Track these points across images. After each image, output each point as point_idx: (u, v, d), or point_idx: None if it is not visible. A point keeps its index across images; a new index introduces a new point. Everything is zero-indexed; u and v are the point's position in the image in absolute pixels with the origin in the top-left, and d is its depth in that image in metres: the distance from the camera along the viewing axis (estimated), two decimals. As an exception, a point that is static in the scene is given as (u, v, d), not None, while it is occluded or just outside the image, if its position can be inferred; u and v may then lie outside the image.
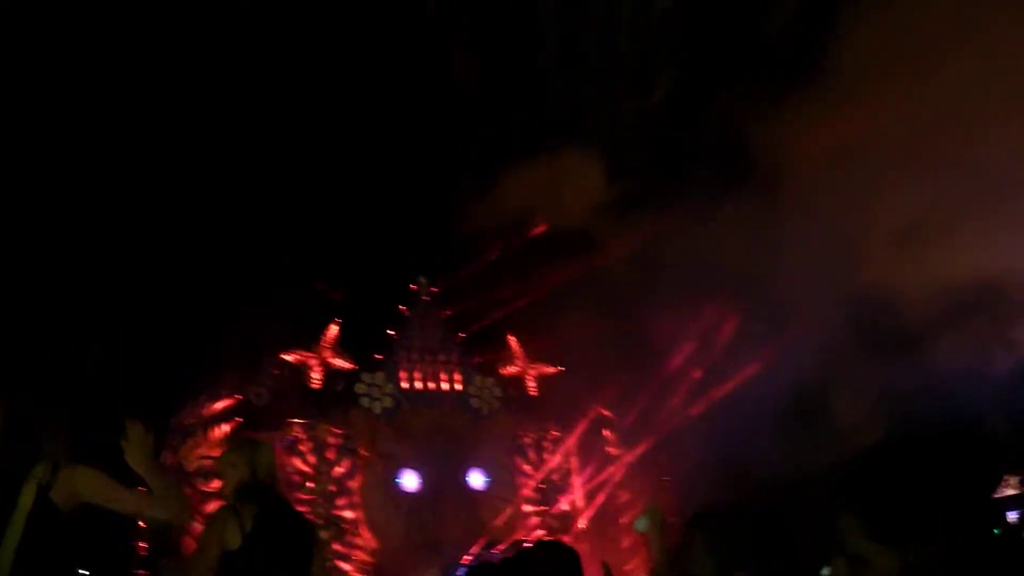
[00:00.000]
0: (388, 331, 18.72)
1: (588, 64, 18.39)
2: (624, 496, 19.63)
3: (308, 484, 16.75)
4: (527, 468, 19.18)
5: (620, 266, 18.60)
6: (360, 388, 17.96)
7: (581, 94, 18.39)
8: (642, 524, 5.00)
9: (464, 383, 19.07)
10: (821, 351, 16.16)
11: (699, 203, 16.72)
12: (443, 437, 18.34)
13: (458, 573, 15.65)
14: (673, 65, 18.27)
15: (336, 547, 16.26)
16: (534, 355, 19.99)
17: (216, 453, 15.83)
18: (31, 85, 13.60)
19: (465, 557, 16.60)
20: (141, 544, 11.67)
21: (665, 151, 18.31)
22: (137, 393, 14.85)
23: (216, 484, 15.41)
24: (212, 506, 14.83)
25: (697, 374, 18.94)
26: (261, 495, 4.72)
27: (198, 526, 14.71)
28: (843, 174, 16.16)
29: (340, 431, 17.50)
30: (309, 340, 17.79)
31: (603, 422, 20.03)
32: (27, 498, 3.46)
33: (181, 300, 16.52)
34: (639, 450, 19.71)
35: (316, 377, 17.63)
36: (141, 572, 12.67)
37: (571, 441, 19.75)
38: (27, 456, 3.63)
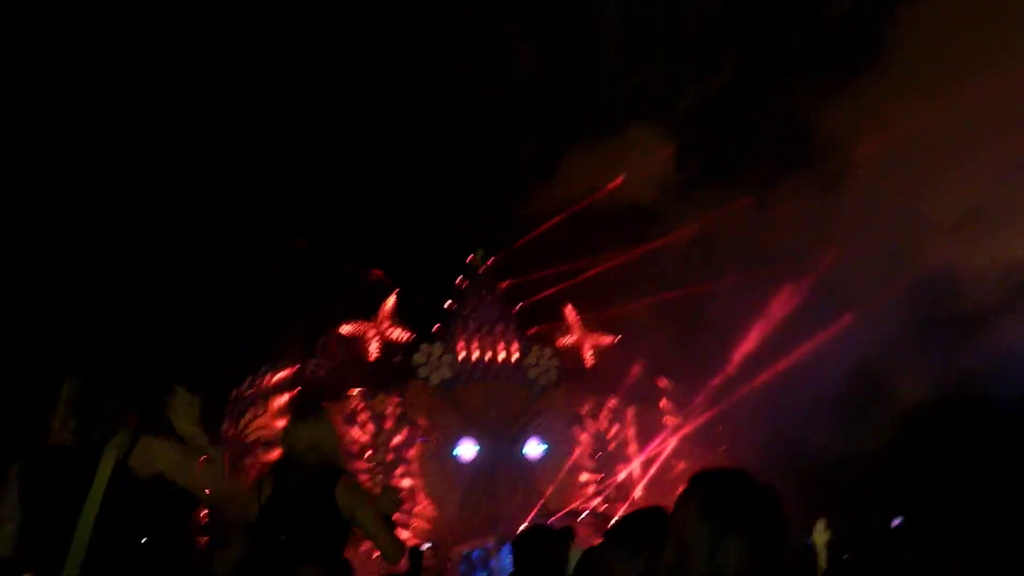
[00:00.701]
0: (445, 303, 18.82)
1: (656, 44, 18.30)
2: (681, 465, 19.64)
3: (367, 454, 16.99)
4: (584, 438, 19.26)
5: (682, 243, 18.57)
6: (418, 359, 18.14)
7: (648, 74, 18.30)
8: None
9: (521, 354, 19.15)
10: (881, 332, 16.03)
11: (762, 184, 16.64)
12: (500, 408, 18.47)
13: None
14: (739, 49, 18.13)
15: (396, 516, 16.52)
16: (591, 326, 20.00)
17: (276, 424, 16.25)
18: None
19: (521, 527, 16.77)
20: (203, 512, 11.89)
21: (729, 133, 18.21)
22: (200, 366, 15.20)
23: (276, 453, 15.81)
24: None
25: (758, 350, 18.84)
26: (293, 467, 4.81)
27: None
28: (903, 160, 16.00)
29: (398, 401, 17.69)
30: (367, 312, 17.97)
31: (661, 393, 20.03)
32: (107, 466, 3.54)
33: (243, 274, 16.84)
34: (697, 421, 19.70)
35: (374, 349, 17.83)
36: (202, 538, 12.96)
37: (628, 411, 19.80)
38: (101, 428, 3.70)
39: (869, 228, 16.50)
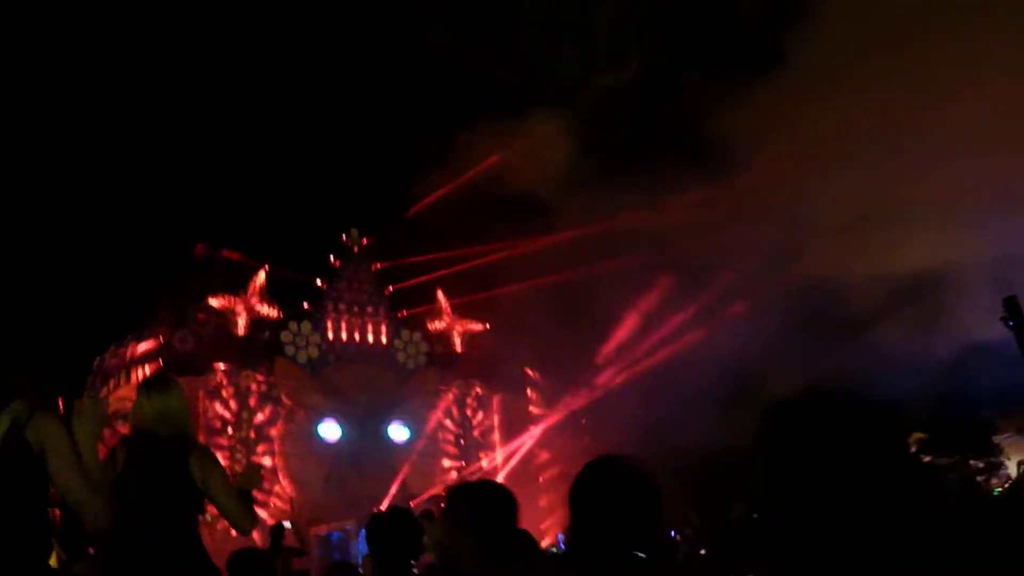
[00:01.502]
0: (317, 281, 18.61)
1: (566, 31, 18.41)
2: (544, 455, 19.89)
3: (229, 430, 16.72)
4: (449, 424, 19.33)
5: (565, 234, 18.73)
6: (286, 337, 17.89)
7: (550, 63, 18.39)
8: None
9: (390, 337, 19.09)
10: (756, 331, 16.45)
11: (653, 179, 16.88)
12: (367, 390, 18.36)
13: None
14: (646, 44, 18.36)
15: (255, 493, 16.26)
16: (463, 312, 20.05)
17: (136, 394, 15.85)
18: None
19: (380, 509, 16.72)
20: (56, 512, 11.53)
21: (626, 126, 18.44)
22: (64, 334, 14.74)
23: (134, 427, 15.43)
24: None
25: (630, 343, 19.14)
26: (145, 439, 4.75)
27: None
28: (796, 162, 16.45)
29: (263, 379, 17.44)
30: (237, 286, 17.64)
31: (527, 382, 20.22)
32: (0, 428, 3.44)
33: (110, 241, 16.39)
34: (561, 411, 19.96)
35: (242, 324, 17.53)
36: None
37: (494, 399, 19.95)
38: None
39: (756, 227, 16.93)
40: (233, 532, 4.87)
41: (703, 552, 13.43)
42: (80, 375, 15.68)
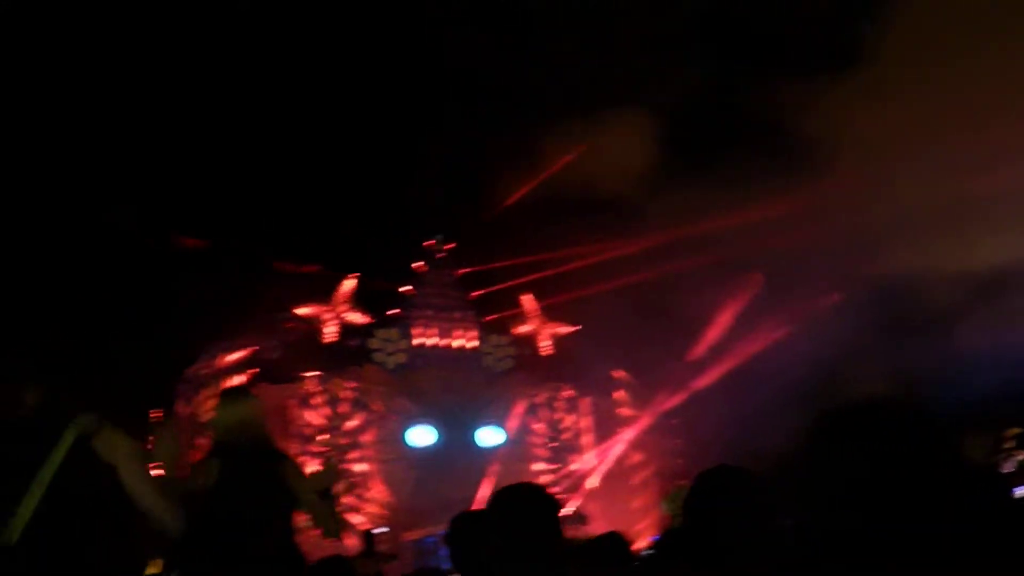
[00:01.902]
0: (403, 288, 18.70)
1: (643, 30, 18.26)
2: (636, 457, 19.72)
3: (320, 437, 16.84)
4: (539, 427, 19.24)
5: (649, 235, 18.55)
6: (374, 343, 18.04)
7: (632, 60, 18.24)
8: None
9: (478, 341, 19.09)
10: (846, 329, 16.15)
11: (734, 180, 16.67)
12: (455, 394, 18.40)
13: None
14: (719, 44, 18.17)
15: (348, 499, 16.39)
16: (549, 315, 19.97)
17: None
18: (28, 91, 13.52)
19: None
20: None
21: (704, 128, 18.24)
22: (155, 345, 15.00)
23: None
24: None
25: (718, 344, 18.88)
26: (234, 449, 4.78)
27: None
28: (874, 160, 16.14)
29: (354, 385, 17.56)
30: (325, 295, 17.82)
31: (617, 383, 20.06)
32: (66, 441, 3.42)
33: (200, 253, 16.65)
34: (653, 413, 19.77)
35: (330, 331, 17.68)
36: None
37: (584, 401, 19.82)
38: (65, 406, 3.60)
39: (841, 224, 16.64)
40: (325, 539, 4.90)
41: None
42: (170, 386, 15.91)
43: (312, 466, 12.77)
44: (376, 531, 14.22)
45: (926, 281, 15.89)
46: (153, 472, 3.80)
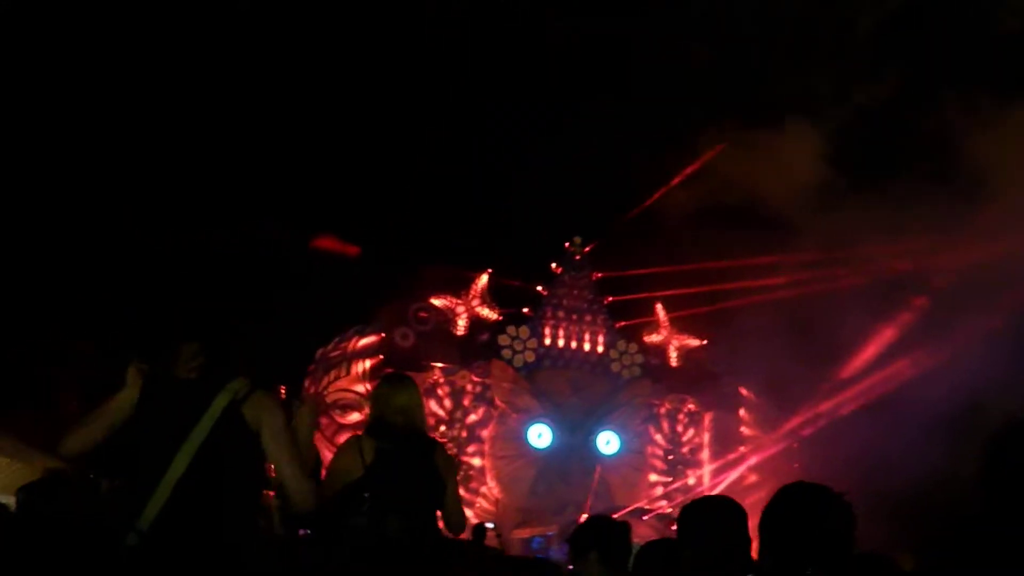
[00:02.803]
0: (537, 287, 18.81)
1: (815, 44, 17.91)
2: (752, 477, 19.49)
3: (441, 428, 17.14)
4: (659, 438, 19.19)
5: (799, 252, 18.23)
6: (503, 340, 18.20)
7: (800, 74, 17.92)
8: None
9: (606, 346, 19.10)
10: (994, 365, 15.64)
11: (897, 200, 16.28)
12: (579, 397, 18.49)
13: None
14: (903, 64, 17.69)
15: (461, 492, 16.62)
16: (680, 326, 19.83)
17: (356, 387, 16.47)
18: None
19: (583, 517, 16.77)
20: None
21: (872, 146, 17.82)
22: (289, 323, 15.42)
23: (352, 417, 16.05)
24: (343, 438, 15.48)
25: (858, 372, 18.44)
26: (391, 431, 4.93)
27: (329, 455, 15.42)
28: None
29: (479, 380, 17.79)
30: (460, 287, 18.05)
31: (742, 402, 19.84)
32: (219, 405, 3.54)
33: (338, 237, 17.04)
34: (775, 435, 19.51)
35: (462, 324, 17.94)
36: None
37: (706, 416, 19.67)
38: (225, 370, 3.73)
39: (1003, 255, 16.11)
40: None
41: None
42: (302, 365, 16.36)
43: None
44: (487, 526, 14.40)
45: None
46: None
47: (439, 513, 4.95)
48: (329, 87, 16.27)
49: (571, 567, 4.49)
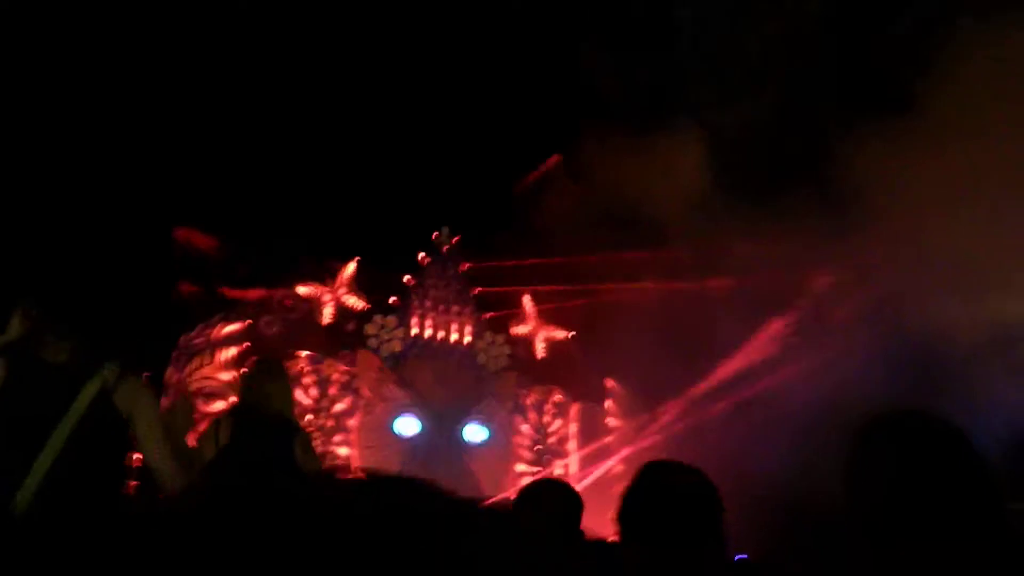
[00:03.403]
0: (404, 276, 18.72)
1: (708, 54, 18.21)
2: (618, 467, 19.72)
3: (308, 416, 16.89)
4: (525, 428, 19.27)
5: (672, 252, 18.52)
6: (370, 329, 18.08)
7: (693, 83, 18.20)
8: None
9: (474, 337, 19.13)
10: (862, 376, 16.11)
11: (775, 211, 16.66)
12: (446, 388, 18.45)
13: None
14: (787, 75, 18.12)
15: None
16: (548, 318, 19.97)
17: (220, 375, 16.13)
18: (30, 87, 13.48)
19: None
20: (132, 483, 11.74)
21: (754, 155, 18.20)
22: (154, 308, 15.04)
23: (216, 405, 15.70)
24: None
25: (726, 375, 18.82)
26: (252, 415, 4.85)
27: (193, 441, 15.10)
28: (921, 206, 16.15)
29: (345, 369, 17.61)
30: (325, 275, 17.85)
31: (609, 393, 20.07)
32: (88, 393, 3.44)
33: (206, 215, 16.70)
34: (641, 427, 19.78)
35: (328, 313, 17.74)
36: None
37: (573, 407, 19.84)
38: (93, 354, 3.64)
39: (873, 266, 16.68)
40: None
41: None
42: (164, 352, 15.96)
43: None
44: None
45: (955, 334, 15.86)
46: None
47: None
48: (198, 65, 15.92)
49: None
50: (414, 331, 18.53)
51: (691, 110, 18.80)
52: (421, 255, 19.02)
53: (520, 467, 18.97)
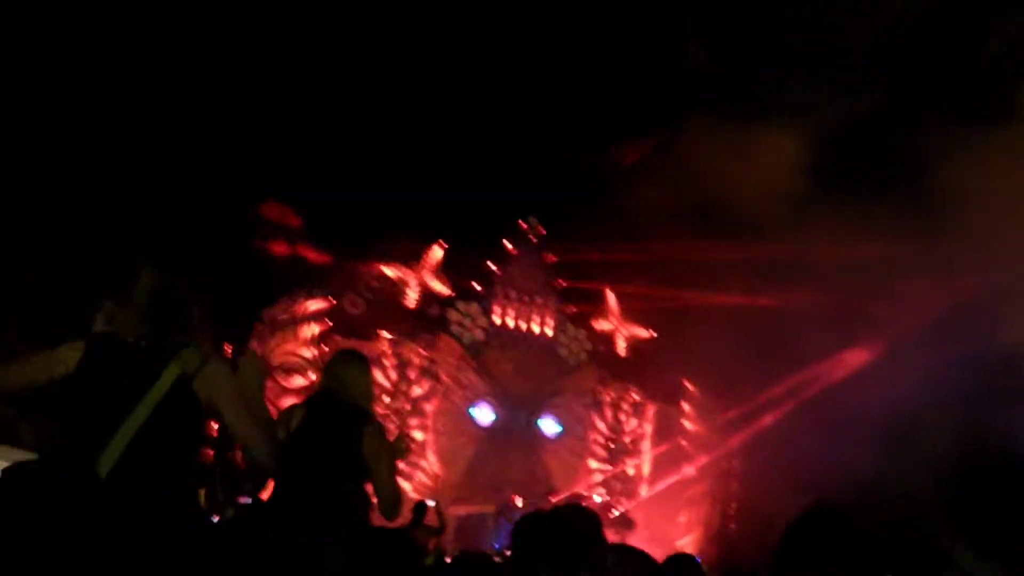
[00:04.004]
0: (490, 264, 18.65)
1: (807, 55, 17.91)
2: (691, 471, 19.59)
3: (385, 399, 16.91)
4: (601, 425, 19.18)
5: (754, 255, 18.26)
6: (453, 316, 18.07)
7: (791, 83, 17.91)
8: None
9: (556, 330, 19.04)
10: (934, 390, 15.80)
11: (866, 216, 16.37)
12: (524, 379, 18.43)
13: (513, 516, 15.61)
14: (888, 80, 17.77)
15: (399, 464, 16.39)
16: (632, 316, 19.81)
17: (302, 351, 16.22)
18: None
19: (518, 498, 16.70)
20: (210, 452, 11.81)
21: (854, 162, 17.89)
22: (240, 281, 15.13)
23: (296, 381, 15.79)
24: (287, 401, 15.24)
25: (798, 376, 18.56)
26: (327, 402, 4.85)
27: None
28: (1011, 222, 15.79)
29: (426, 353, 17.62)
30: (412, 257, 17.84)
31: (686, 395, 19.89)
32: (167, 379, 3.33)
33: (294, 196, 16.77)
34: (717, 432, 19.62)
35: (413, 296, 17.73)
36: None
37: (650, 407, 19.71)
38: (177, 335, 3.50)
39: (958, 282, 16.31)
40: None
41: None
42: (249, 323, 16.03)
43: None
44: (428, 503, 14.27)
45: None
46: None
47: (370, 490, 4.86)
48: (287, 50, 15.95)
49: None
50: (496, 320, 18.47)
51: (791, 105, 18.46)
52: (507, 244, 18.89)
53: (593, 463, 18.89)
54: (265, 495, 5.63)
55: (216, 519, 9.82)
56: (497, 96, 17.98)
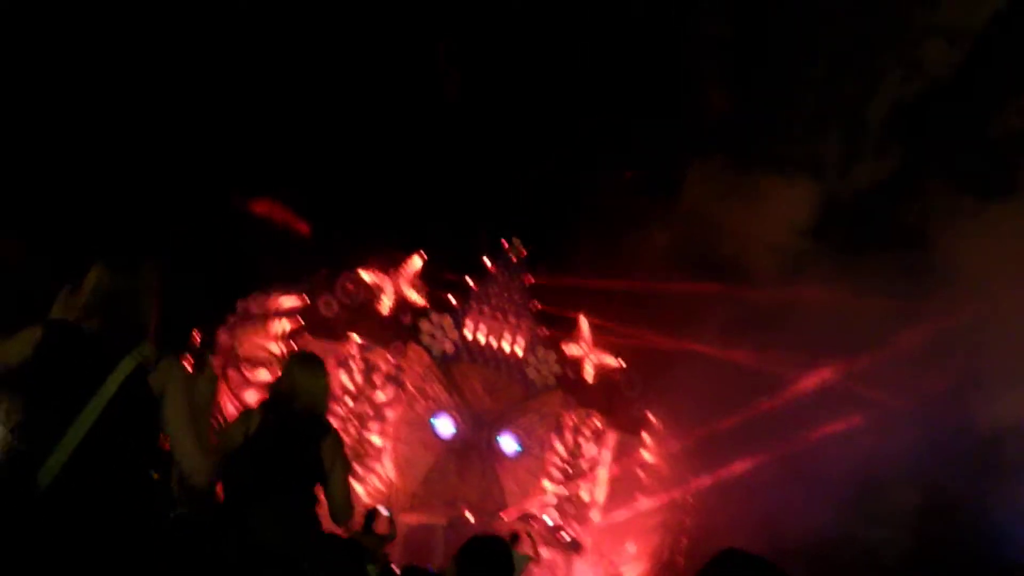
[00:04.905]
0: (468, 280, 18.76)
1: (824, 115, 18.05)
2: (647, 502, 19.67)
3: (348, 401, 17.02)
4: (560, 448, 19.26)
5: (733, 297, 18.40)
6: (425, 326, 18.14)
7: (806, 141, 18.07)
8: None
9: (526, 351, 19.15)
10: (902, 446, 15.94)
11: (854, 269, 16.51)
12: (490, 395, 18.52)
13: (463, 532, 15.73)
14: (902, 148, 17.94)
15: (355, 466, 16.49)
16: (602, 346, 19.90)
17: (270, 346, 16.31)
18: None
19: (469, 513, 16.86)
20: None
21: (854, 225, 18.05)
22: (213, 270, 15.24)
23: (260, 374, 15.89)
24: (249, 393, 15.35)
25: (765, 422, 18.62)
26: (285, 408, 4.89)
27: (231, 407, 15.30)
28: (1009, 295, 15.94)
29: (394, 361, 17.70)
30: (390, 264, 17.93)
31: (648, 427, 19.99)
32: (126, 367, 3.35)
33: (281, 192, 16.87)
34: (676, 465, 19.71)
35: (387, 303, 17.83)
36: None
37: (611, 435, 19.81)
38: (131, 330, 3.54)
39: (944, 346, 16.48)
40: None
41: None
42: (220, 313, 16.11)
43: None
44: (382, 511, 14.34)
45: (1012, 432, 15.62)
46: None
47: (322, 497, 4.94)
48: (291, 58, 16.07)
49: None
50: (468, 335, 18.56)
51: (793, 158, 18.63)
52: (488, 262, 18.99)
53: (548, 485, 18.98)
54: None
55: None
56: (497, 115, 18.15)
